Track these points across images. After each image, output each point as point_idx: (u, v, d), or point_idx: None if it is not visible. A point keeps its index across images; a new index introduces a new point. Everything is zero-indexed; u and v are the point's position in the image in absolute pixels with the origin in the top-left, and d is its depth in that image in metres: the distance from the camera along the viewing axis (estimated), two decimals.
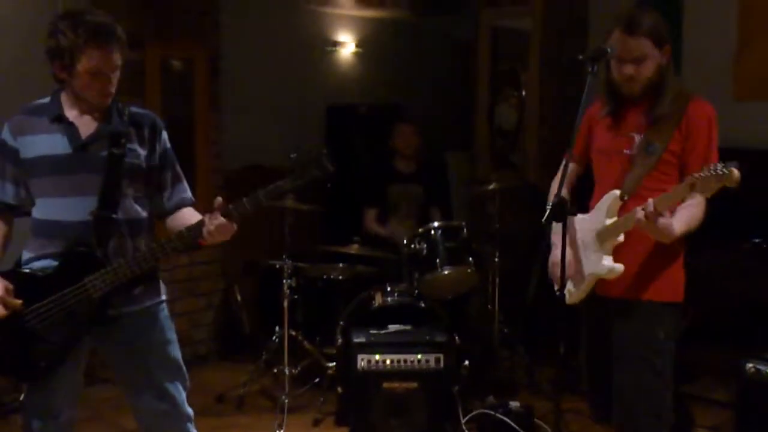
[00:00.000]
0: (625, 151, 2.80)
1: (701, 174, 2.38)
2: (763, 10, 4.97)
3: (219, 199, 2.60)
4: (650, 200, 2.52)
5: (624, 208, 2.73)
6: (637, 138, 2.77)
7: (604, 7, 5.69)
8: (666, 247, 2.71)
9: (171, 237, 2.66)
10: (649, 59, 2.71)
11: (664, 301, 2.79)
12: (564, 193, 2.75)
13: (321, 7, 6.52)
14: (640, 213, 2.54)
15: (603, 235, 2.74)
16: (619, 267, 2.70)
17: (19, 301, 2.60)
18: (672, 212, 2.62)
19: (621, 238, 2.71)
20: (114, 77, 2.65)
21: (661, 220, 2.53)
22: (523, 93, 6.05)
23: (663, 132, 2.72)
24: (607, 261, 2.72)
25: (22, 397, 2.68)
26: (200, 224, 2.60)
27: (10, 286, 2.60)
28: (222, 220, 2.56)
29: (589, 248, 2.80)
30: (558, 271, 2.68)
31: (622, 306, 2.80)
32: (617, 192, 2.73)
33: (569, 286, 2.87)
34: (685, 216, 2.64)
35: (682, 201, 2.60)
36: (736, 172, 2.32)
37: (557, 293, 2.76)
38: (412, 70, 7.16)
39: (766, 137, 4.77)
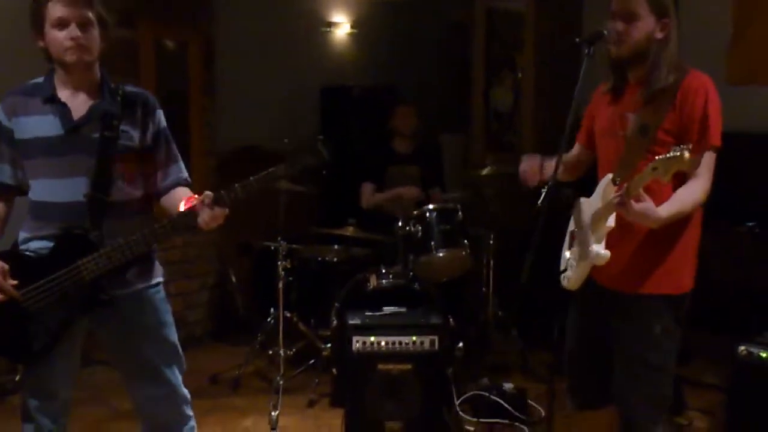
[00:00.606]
0: (619, 132, 2.72)
1: (661, 156, 2.32)
2: None
3: (209, 193, 2.58)
4: (624, 185, 2.45)
5: (618, 192, 2.60)
6: (632, 118, 2.68)
7: None
8: (664, 236, 2.62)
9: (164, 222, 2.65)
10: (641, 21, 2.61)
11: (662, 293, 2.68)
12: (561, 175, 2.73)
13: None
14: (616, 199, 2.47)
15: (596, 220, 2.67)
16: (605, 253, 2.59)
17: (14, 282, 2.59)
18: (666, 196, 2.54)
19: (611, 223, 2.61)
20: (87, 33, 2.59)
21: (638, 205, 2.42)
22: (519, 75, 6.03)
23: (657, 110, 2.62)
24: (595, 247, 2.62)
25: (18, 378, 2.68)
26: (193, 212, 2.59)
27: (6, 267, 2.59)
28: (215, 210, 2.55)
29: (585, 233, 2.74)
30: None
31: (618, 299, 2.73)
32: (610, 175, 2.65)
33: (568, 271, 2.84)
34: (677, 198, 2.54)
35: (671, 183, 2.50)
36: (687, 154, 2.25)
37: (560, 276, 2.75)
38: (408, 52, 7.13)
39: (760, 121, 4.78)
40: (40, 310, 2.62)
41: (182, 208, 2.68)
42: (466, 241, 4.53)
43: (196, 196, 2.67)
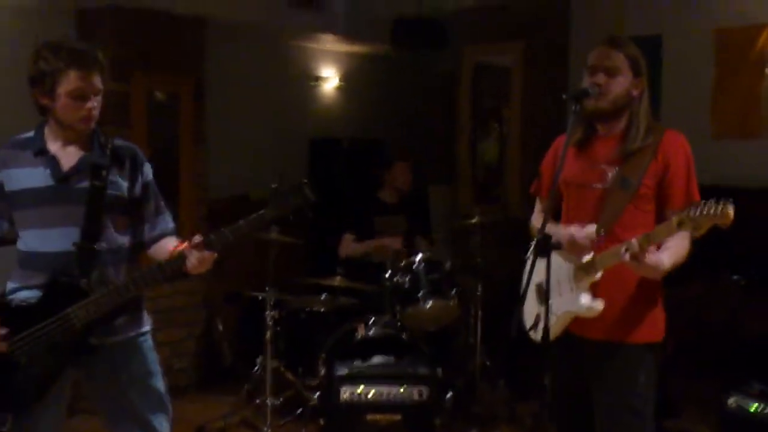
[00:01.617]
0: (597, 185, 2.75)
1: (691, 212, 2.33)
2: (740, 50, 5.09)
3: (197, 237, 2.61)
4: (633, 240, 2.47)
5: (601, 245, 2.65)
6: (610, 172, 2.72)
7: (584, 44, 5.80)
8: (645, 287, 2.68)
9: (152, 266, 2.66)
10: (621, 76, 2.70)
11: (645, 342, 2.72)
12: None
13: (305, 42, 6.59)
14: (625, 255, 2.48)
15: (580, 273, 2.69)
16: (599, 304, 2.64)
17: (3, 332, 2.59)
18: (658, 246, 2.58)
19: (599, 275, 2.65)
20: (95, 101, 2.67)
21: (650, 257, 2.48)
22: (504, 128, 6.12)
23: (638, 165, 2.68)
24: (585, 299, 2.64)
25: (6, 429, 2.65)
26: (182, 257, 2.61)
27: None
28: (203, 253, 2.58)
29: (563, 286, 2.74)
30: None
31: (602, 349, 2.74)
32: (593, 227, 2.66)
33: (540, 325, 2.82)
34: (673, 250, 2.58)
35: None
36: (731, 210, 2.26)
37: (529, 332, 2.75)
38: (395, 105, 7.22)
39: (744, 175, 4.86)
40: (30, 359, 2.61)
41: (170, 253, 2.70)
42: (453, 291, 4.55)
43: (186, 242, 2.68)
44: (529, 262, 2.68)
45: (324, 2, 6.10)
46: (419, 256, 4.61)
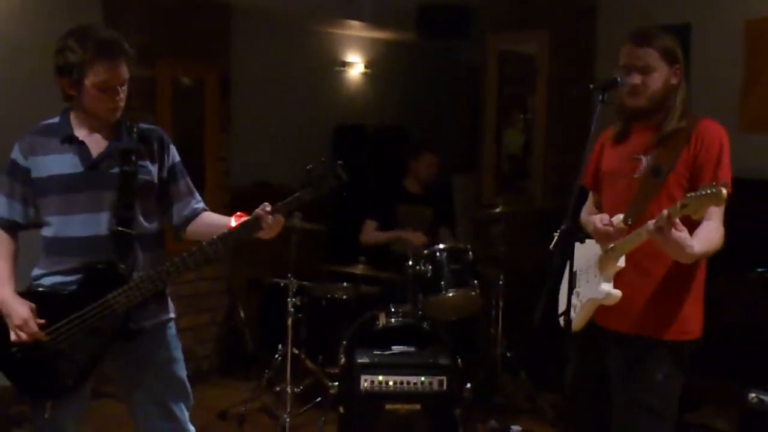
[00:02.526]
0: (632, 174, 2.74)
1: (692, 194, 2.32)
2: None
3: (267, 204, 2.67)
4: (664, 211, 2.39)
5: (629, 233, 2.63)
6: (644, 160, 2.72)
7: (611, 32, 5.73)
8: (674, 281, 2.64)
9: (211, 239, 2.67)
10: (656, 72, 2.67)
11: (669, 339, 2.68)
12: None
13: (331, 28, 6.58)
14: (650, 225, 2.43)
15: (604, 260, 2.68)
16: (617, 292, 2.62)
17: (42, 322, 2.62)
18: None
19: (621, 263, 2.63)
20: (122, 91, 2.68)
21: (676, 232, 2.38)
22: (529, 117, 6.08)
23: (670, 153, 2.66)
24: (605, 286, 2.64)
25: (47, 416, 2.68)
26: (257, 220, 2.65)
27: (33, 306, 2.63)
28: (277, 216, 2.66)
29: (590, 273, 2.75)
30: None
31: (620, 340, 2.72)
32: (620, 216, 2.65)
33: (572, 312, 2.84)
34: (704, 237, 2.51)
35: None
36: (723, 191, 2.24)
37: (559, 319, 2.73)
38: (420, 92, 7.21)
39: None
40: (71, 345, 2.65)
41: (233, 223, 2.74)
42: (476, 281, 4.54)
43: (237, 214, 2.75)
44: (556, 252, 2.63)
45: None
46: (442, 246, 4.60)
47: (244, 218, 2.71)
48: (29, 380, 2.70)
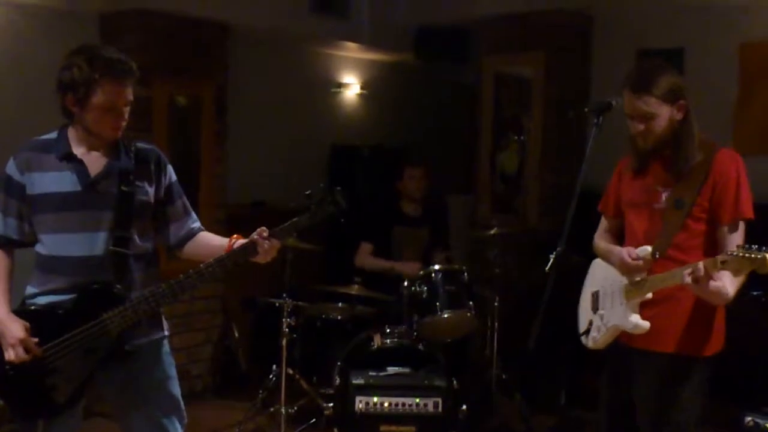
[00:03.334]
0: (653, 205, 2.80)
1: (733, 253, 2.35)
2: (763, 65, 5.04)
3: (263, 228, 2.68)
4: (699, 264, 2.45)
5: (655, 265, 2.70)
6: (664, 193, 2.77)
7: (606, 54, 5.78)
8: (699, 301, 2.67)
9: (221, 257, 2.68)
10: (658, 116, 2.71)
11: (693, 355, 2.73)
12: (605, 241, 2.90)
13: (327, 49, 6.61)
14: (687, 278, 2.48)
15: (631, 290, 2.73)
16: (645, 324, 2.68)
17: (35, 340, 2.61)
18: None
19: (649, 295, 2.70)
20: (125, 112, 2.69)
21: (713, 284, 2.46)
22: (524, 138, 6.09)
23: (691, 186, 2.72)
24: (635, 318, 2.70)
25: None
26: (253, 245, 2.66)
27: (28, 326, 2.62)
28: (273, 240, 2.67)
29: (615, 299, 2.80)
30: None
31: (647, 359, 2.77)
32: (649, 248, 2.70)
33: (592, 332, 2.88)
34: (733, 279, 2.55)
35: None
36: None
37: (580, 337, 2.82)
38: (416, 113, 7.23)
39: (766, 191, 4.79)
40: (65, 365, 2.63)
41: (229, 246, 2.73)
42: (471, 302, 4.53)
43: (235, 236, 2.76)
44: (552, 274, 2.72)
45: (347, 10, 6.11)
46: (437, 267, 4.59)
47: (240, 240, 2.71)
48: (22, 400, 2.68)
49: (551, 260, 2.69)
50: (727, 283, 2.51)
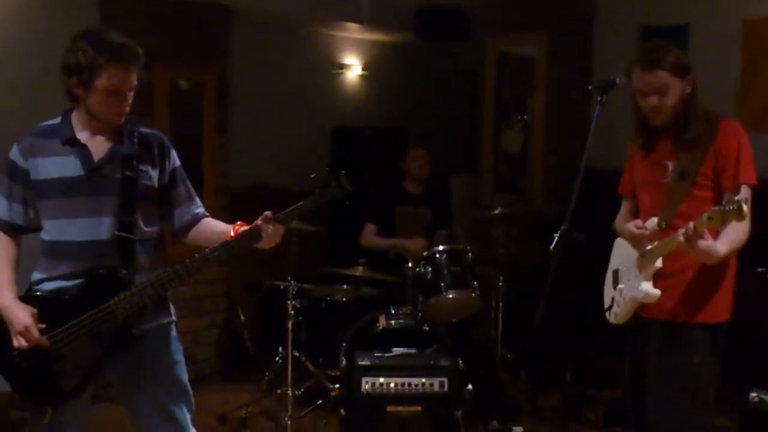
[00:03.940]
0: (661, 180, 2.88)
1: (716, 208, 2.44)
2: (767, 42, 5.01)
3: (268, 213, 2.69)
4: (690, 223, 2.56)
5: (663, 235, 2.77)
6: (671, 165, 2.85)
7: (609, 34, 5.74)
8: (708, 270, 2.76)
9: (214, 247, 2.68)
10: (670, 89, 2.78)
11: (703, 322, 2.80)
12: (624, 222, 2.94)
13: (328, 30, 6.58)
14: (680, 236, 2.58)
15: (642, 262, 2.81)
16: (655, 292, 2.75)
17: (42, 326, 2.61)
18: (716, 234, 2.66)
19: (659, 263, 2.76)
20: (129, 97, 2.68)
21: (702, 242, 2.56)
22: (527, 118, 6.08)
23: (694, 157, 2.79)
24: (645, 285, 2.77)
25: (46, 422, 2.68)
26: (257, 230, 2.66)
27: (35, 312, 2.62)
28: (277, 226, 2.67)
29: (631, 273, 2.89)
30: None
31: (661, 329, 2.85)
32: (655, 219, 2.78)
33: (614, 307, 2.97)
34: (730, 236, 2.67)
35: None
36: (744, 208, 2.38)
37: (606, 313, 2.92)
38: (418, 94, 7.21)
39: None
40: (72, 351, 2.64)
41: (233, 232, 2.74)
42: (475, 282, 4.54)
43: (239, 223, 2.76)
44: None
45: None
46: (441, 247, 4.60)
47: (245, 227, 2.71)
48: (30, 386, 2.69)
49: (555, 239, 2.71)
50: (719, 244, 2.62)
